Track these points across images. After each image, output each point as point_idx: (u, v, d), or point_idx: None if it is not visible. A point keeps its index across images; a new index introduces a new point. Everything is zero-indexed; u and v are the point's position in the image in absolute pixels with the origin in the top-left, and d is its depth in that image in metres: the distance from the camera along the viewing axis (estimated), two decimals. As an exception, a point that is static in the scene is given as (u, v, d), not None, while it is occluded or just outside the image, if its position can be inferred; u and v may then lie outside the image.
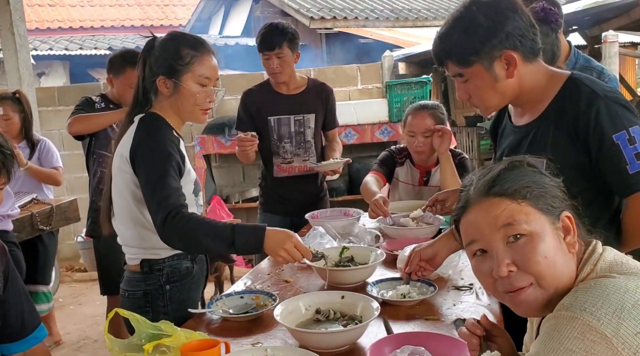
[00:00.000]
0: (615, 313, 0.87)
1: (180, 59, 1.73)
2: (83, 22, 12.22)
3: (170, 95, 1.76)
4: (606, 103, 1.39)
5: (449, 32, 1.49)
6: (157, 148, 1.68)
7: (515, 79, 1.47)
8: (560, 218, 1.03)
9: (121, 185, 1.74)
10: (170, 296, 1.79)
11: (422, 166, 2.86)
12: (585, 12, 5.91)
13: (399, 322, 1.60)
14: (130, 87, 2.78)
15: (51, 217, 3.22)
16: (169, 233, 1.62)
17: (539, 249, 0.99)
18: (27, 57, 4.99)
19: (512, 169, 1.06)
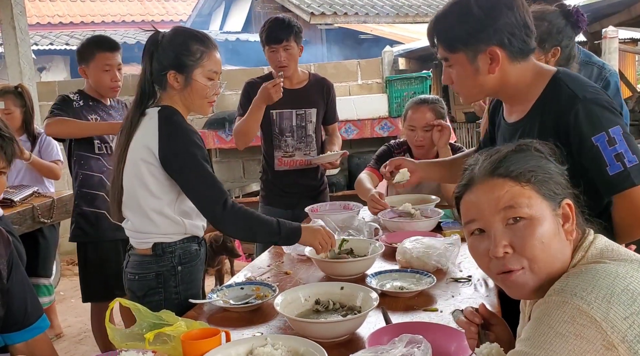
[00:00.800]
0: (605, 298, 0.89)
1: (192, 55, 1.81)
2: (84, 17, 12.22)
3: (182, 89, 1.83)
4: (585, 105, 1.39)
5: (445, 14, 1.50)
6: (190, 144, 1.77)
7: (498, 76, 1.47)
8: (561, 205, 1.04)
9: (139, 175, 1.80)
10: (181, 276, 1.87)
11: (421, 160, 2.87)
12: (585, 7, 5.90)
13: (397, 313, 1.62)
14: (104, 69, 2.80)
15: (52, 210, 3.23)
16: (227, 219, 1.78)
17: (537, 233, 1.00)
18: (28, 51, 4.99)
19: (519, 152, 1.07)
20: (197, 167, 1.76)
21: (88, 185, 2.84)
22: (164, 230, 1.84)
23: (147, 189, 1.80)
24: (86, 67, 2.84)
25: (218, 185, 1.79)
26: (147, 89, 1.85)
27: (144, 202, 1.81)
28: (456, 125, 7.63)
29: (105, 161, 2.85)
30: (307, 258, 2.04)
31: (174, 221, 1.83)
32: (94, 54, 2.81)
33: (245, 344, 1.32)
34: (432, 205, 2.60)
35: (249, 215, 1.80)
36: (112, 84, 2.85)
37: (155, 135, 1.76)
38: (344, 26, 9.16)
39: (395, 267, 1.96)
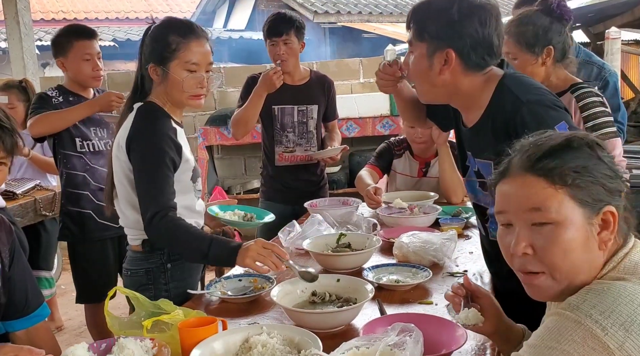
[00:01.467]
0: (623, 326, 0.84)
1: (168, 46, 1.74)
2: (87, 14, 12.26)
3: (160, 82, 1.77)
4: (529, 108, 1.41)
5: (429, 3, 1.53)
6: (151, 144, 1.71)
7: (448, 79, 1.50)
8: (600, 212, 0.96)
9: (119, 172, 1.79)
10: (171, 274, 1.83)
11: (421, 157, 2.90)
12: (589, 8, 5.91)
13: (393, 305, 1.64)
14: (83, 59, 2.65)
15: (54, 203, 3.25)
16: (153, 231, 1.70)
17: (561, 241, 0.95)
18: (31, 46, 5.01)
19: (567, 148, 0.98)
20: (146, 171, 1.70)
21: (72, 185, 2.74)
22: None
23: (127, 186, 1.77)
24: (64, 59, 2.69)
25: (157, 195, 1.68)
26: (138, 84, 1.82)
27: (127, 198, 1.79)
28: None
29: (88, 159, 2.75)
30: (306, 251, 2.06)
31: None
32: (71, 43, 2.66)
33: (242, 332, 1.34)
34: (430, 201, 2.62)
35: (178, 230, 1.68)
36: (93, 73, 2.70)
37: (127, 131, 1.74)
38: (347, 25, 9.17)
39: (392, 261, 1.98)
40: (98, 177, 2.73)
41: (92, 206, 2.73)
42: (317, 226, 2.25)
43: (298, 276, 1.62)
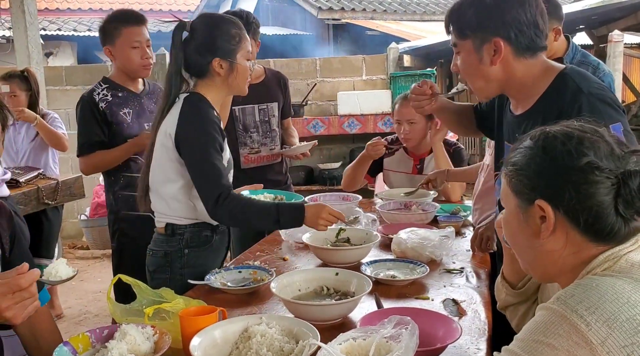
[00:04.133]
0: (606, 322, 0.86)
1: (232, 39, 1.86)
2: (92, 4, 12.24)
3: (227, 74, 1.88)
4: (589, 99, 1.40)
5: (462, 1, 1.53)
6: (205, 131, 1.80)
7: (501, 68, 1.50)
8: (534, 204, 1.01)
9: (162, 159, 1.86)
10: (187, 259, 1.91)
11: (415, 154, 2.93)
12: (592, 11, 5.92)
13: (390, 300, 1.66)
14: (131, 46, 2.52)
15: (57, 192, 3.28)
16: (221, 212, 1.78)
17: (505, 222, 1.12)
18: (36, 35, 5.04)
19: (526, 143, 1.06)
20: (201, 156, 1.79)
21: (130, 188, 2.53)
22: (176, 213, 1.90)
23: (164, 172, 1.86)
24: (112, 46, 2.54)
25: (218, 178, 1.78)
26: (178, 80, 1.88)
27: (161, 184, 1.89)
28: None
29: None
30: (305, 245, 2.09)
31: (186, 205, 1.88)
32: (119, 29, 2.51)
33: (241, 322, 1.37)
34: (429, 198, 2.64)
35: (245, 205, 1.80)
36: (142, 61, 2.55)
37: (175, 120, 1.81)
38: (351, 22, 9.18)
39: (391, 256, 2.01)
40: None
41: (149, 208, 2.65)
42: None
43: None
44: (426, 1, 10.65)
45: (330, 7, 9.17)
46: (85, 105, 2.55)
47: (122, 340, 1.27)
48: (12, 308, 1.17)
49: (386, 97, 5.39)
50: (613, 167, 0.97)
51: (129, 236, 2.61)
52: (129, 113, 2.59)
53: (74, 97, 5.88)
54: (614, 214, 0.97)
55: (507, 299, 1.32)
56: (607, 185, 0.96)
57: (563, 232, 1.00)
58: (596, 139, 0.99)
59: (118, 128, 2.55)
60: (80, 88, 5.79)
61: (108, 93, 2.57)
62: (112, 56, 2.58)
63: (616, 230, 0.98)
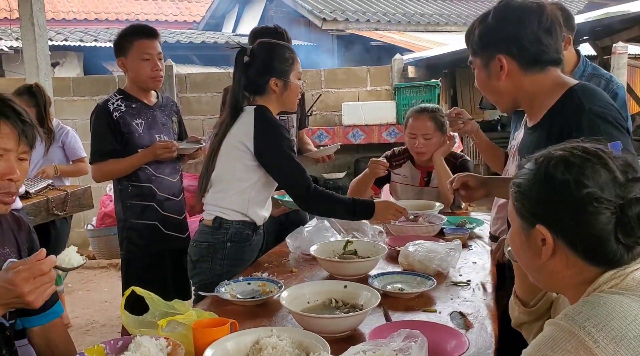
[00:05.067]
0: (614, 340, 0.87)
1: (286, 61, 2.16)
2: (98, 15, 12.36)
3: (281, 92, 2.16)
4: (589, 118, 1.42)
5: (473, 24, 1.62)
6: (281, 136, 2.11)
7: (510, 83, 1.55)
8: (535, 228, 1.03)
9: (233, 162, 2.13)
10: (228, 252, 2.16)
11: (423, 167, 2.95)
12: (596, 22, 5.96)
13: (398, 312, 1.68)
14: (142, 58, 2.60)
15: (66, 203, 3.32)
16: (312, 201, 2.13)
17: (511, 239, 1.13)
18: (45, 47, 5.09)
19: (530, 165, 1.08)
20: (285, 157, 2.09)
21: (137, 197, 2.66)
22: (230, 205, 2.15)
23: (234, 172, 2.13)
24: (124, 58, 2.63)
25: (303, 172, 2.11)
26: (240, 97, 2.16)
27: (228, 181, 2.15)
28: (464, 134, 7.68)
29: (153, 169, 2.67)
30: (312, 257, 2.11)
31: (241, 202, 2.15)
32: (131, 42, 2.60)
33: (252, 334, 1.39)
34: (435, 211, 2.66)
35: (329, 197, 2.12)
36: (152, 73, 2.63)
37: (250, 130, 2.08)
38: (355, 33, 9.24)
39: (398, 269, 2.03)
40: (163, 187, 2.69)
41: (158, 217, 2.67)
42: (324, 232, 2.30)
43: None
44: (430, 12, 10.71)
45: (335, 18, 9.25)
46: (100, 114, 2.63)
47: (137, 351, 1.30)
48: (33, 292, 1.23)
49: (391, 108, 5.42)
50: (614, 196, 0.97)
51: (137, 244, 2.68)
52: (140, 124, 2.66)
53: (81, 108, 5.97)
54: (615, 242, 0.98)
55: (520, 317, 1.32)
56: (607, 215, 0.97)
57: (563, 255, 1.02)
58: (598, 167, 0.99)
59: (130, 138, 2.62)
60: (87, 98, 5.85)
61: (122, 103, 2.65)
62: (125, 68, 2.66)
63: (618, 257, 0.99)
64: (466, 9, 11.28)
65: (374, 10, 10.14)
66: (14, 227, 1.52)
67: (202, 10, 12.88)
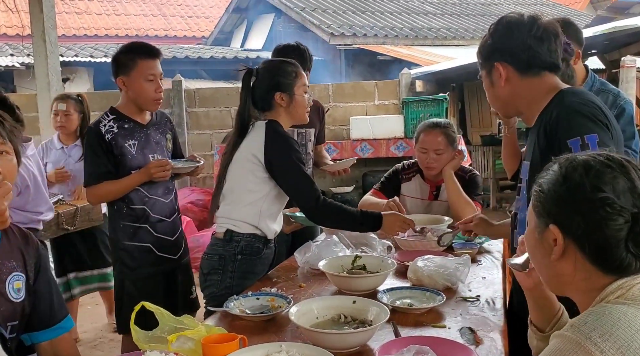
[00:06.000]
0: (620, 350, 0.88)
1: (289, 75, 2.22)
2: (108, 31, 12.53)
3: (287, 105, 2.22)
4: (567, 111, 1.54)
5: (480, 42, 1.78)
6: (292, 149, 2.16)
7: (509, 88, 1.68)
8: (548, 228, 1.05)
9: (244, 175, 2.18)
10: (239, 265, 2.19)
11: (432, 181, 2.95)
12: (604, 36, 5.97)
13: (407, 328, 1.67)
14: (146, 79, 2.52)
15: (76, 218, 3.34)
16: (321, 213, 2.17)
17: (526, 238, 1.15)
18: (56, 63, 5.16)
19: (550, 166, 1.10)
20: (295, 169, 2.14)
21: (130, 219, 2.59)
22: (241, 217, 2.18)
23: (246, 184, 2.17)
24: (126, 77, 2.52)
25: (312, 184, 2.16)
26: (246, 115, 2.23)
27: (238, 194, 2.19)
28: (472, 147, 7.68)
29: (146, 190, 2.59)
30: (321, 272, 2.11)
31: (252, 215, 2.18)
32: (135, 61, 2.51)
33: (262, 349, 1.39)
34: (444, 225, 2.66)
35: (337, 208, 2.18)
36: (156, 94, 2.55)
37: (261, 142, 2.14)
38: (363, 47, 9.29)
39: (407, 284, 2.02)
40: (156, 208, 2.62)
41: (151, 239, 2.60)
42: (332, 247, 2.30)
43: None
44: (437, 27, 10.76)
45: (343, 33, 9.32)
46: (91, 136, 2.55)
47: (146, 367, 1.30)
48: None
49: (398, 122, 5.44)
50: (630, 204, 0.98)
51: (129, 266, 2.61)
52: (133, 145, 2.57)
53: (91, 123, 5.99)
54: (624, 250, 0.98)
55: (539, 345, 1.30)
56: (620, 222, 0.97)
57: (572, 257, 1.03)
58: (618, 174, 1.00)
59: (122, 160, 2.54)
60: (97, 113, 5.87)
61: (114, 124, 2.55)
62: (124, 87, 2.56)
63: (626, 265, 0.99)
64: (473, 24, 11.33)
65: (382, 25, 10.21)
66: (22, 242, 1.54)
67: (211, 26, 13.02)
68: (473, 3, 13.21)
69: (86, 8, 13.13)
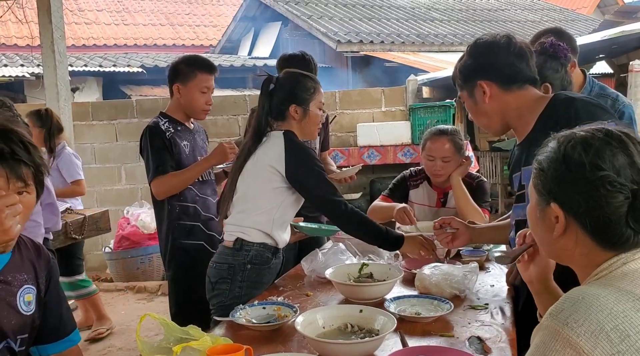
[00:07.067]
0: (593, 333, 0.91)
1: (307, 90, 2.23)
2: (117, 40, 12.62)
3: (300, 119, 2.22)
4: (582, 103, 1.59)
5: (455, 65, 1.83)
6: (313, 158, 2.19)
7: (496, 103, 1.74)
8: (550, 205, 1.08)
9: (260, 184, 2.17)
10: (248, 274, 2.17)
11: (439, 188, 2.93)
12: (611, 41, 5.93)
13: (414, 337, 1.66)
14: (201, 91, 2.73)
15: (84, 227, 3.35)
16: (349, 218, 2.15)
17: (528, 213, 1.18)
18: (65, 73, 5.21)
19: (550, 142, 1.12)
20: (319, 178, 2.14)
21: (184, 217, 2.72)
22: (251, 226, 2.17)
23: (260, 194, 2.16)
24: (182, 85, 2.74)
25: (336, 191, 2.17)
26: (264, 122, 2.22)
27: (252, 202, 2.17)
28: (479, 153, 7.64)
29: (197, 189, 2.76)
30: (327, 280, 2.10)
31: (265, 223, 2.17)
32: (194, 73, 2.73)
33: (267, 360, 1.38)
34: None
35: (364, 217, 2.18)
36: (206, 106, 2.78)
37: (281, 153, 2.13)
38: (370, 54, 9.30)
39: (414, 292, 2.01)
40: (206, 207, 2.77)
41: (204, 237, 2.74)
42: (339, 255, 2.29)
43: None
44: (444, 33, 10.76)
45: (349, 40, 9.33)
46: (154, 133, 2.69)
47: (151, 379, 1.29)
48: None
49: (405, 128, 5.43)
50: (629, 180, 1.00)
51: (185, 264, 2.72)
52: (186, 145, 2.76)
53: (100, 132, 6.06)
54: (625, 225, 1.01)
55: None
56: (620, 200, 0.99)
57: (573, 233, 1.06)
58: (617, 151, 1.01)
59: (179, 158, 2.70)
60: (105, 123, 5.95)
61: (170, 125, 2.74)
62: (178, 94, 2.76)
63: (624, 239, 1.02)
64: (480, 30, 11.31)
65: (388, 32, 10.21)
66: (34, 255, 1.54)
67: (219, 35, 13.09)
68: (479, 9, 13.19)
69: (95, 18, 13.24)
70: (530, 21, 12.39)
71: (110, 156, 5.93)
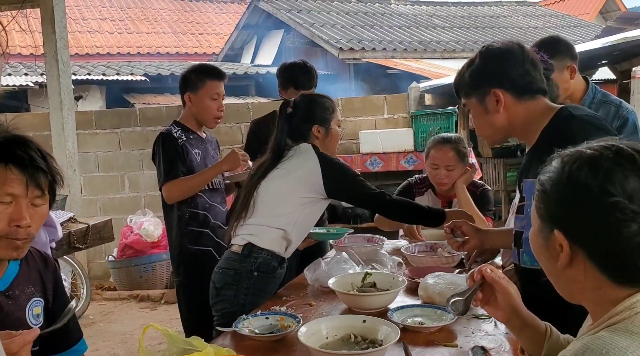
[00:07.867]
0: None
1: (327, 110, 2.35)
2: (120, 49, 12.67)
3: (323, 138, 2.33)
4: (579, 122, 1.55)
5: (461, 71, 1.78)
6: (346, 168, 2.30)
7: (505, 114, 1.68)
8: (554, 232, 0.96)
9: (285, 193, 2.22)
10: (254, 281, 2.18)
11: (444, 196, 2.93)
12: (613, 47, 5.93)
13: (418, 347, 1.65)
14: (212, 98, 2.79)
15: (87, 236, 3.34)
16: (393, 207, 2.30)
17: (531, 239, 1.05)
18: (68, 82, 5.22)
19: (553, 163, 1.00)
20: (358, 181, 2.25)
21: (194, 223, 2.78)
22: (262, 233, 2.19)
23: (285, 204, 2.20)
24: (193, 94, 2.81)
25: (374, 189, 2.25)
26: (282, 143, 2.30)
27: (272, 209, 2.20)
28: (483, 160, 7.63)
29: (207, 197, 2.81)
30: (330, 290, 2.09)
31: (277, 230, 2.19)
32: (204, 81, 2.80)
33: (270, 372, 1.37)
34: (455, 241, 2.63)
35: (405, 202, 2.39)
36: (217, 113, 2.84)
37: (316, 166, 2.20)
38: (372, 61, 9.32)
39: (418, 301, 2.00)
40: (215, 214, 2.82)
41: (212, 243, 2.79)
42: (342, 264, 2.28)
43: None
44: (446, 40, 10.77)
45: (351, 47, 9.35)
46: (167, 140, 2.76)
47: (154, 391, 1.29)
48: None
49: (408, 136, 5.43)
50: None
51: (193, 270, 2.75)
52: (198, 153, 2.82)
53: (103, 141, 6.09)
54: (639, 259, 0.88)
55: None
56: (633, 229, 0.86)
57: (581, 265, 0.93)
58: (629, 173, 0.88)
59: (190, 166, 2.76)
60: (109, 131, 5.97)
61: (182, 133, 2.80)
62: (190, 102, 2.83)
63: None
64: (482, 36, 11.33)
65: (390, 39, 10.23)
66: (41, 266, 1.54)
67: (221, 43, 13.12)
68: (482, 16, 13.21)
69: (99, 27, 13.30)
70: (532, 27, 12.40)
71: (113, 164, 5.95)
